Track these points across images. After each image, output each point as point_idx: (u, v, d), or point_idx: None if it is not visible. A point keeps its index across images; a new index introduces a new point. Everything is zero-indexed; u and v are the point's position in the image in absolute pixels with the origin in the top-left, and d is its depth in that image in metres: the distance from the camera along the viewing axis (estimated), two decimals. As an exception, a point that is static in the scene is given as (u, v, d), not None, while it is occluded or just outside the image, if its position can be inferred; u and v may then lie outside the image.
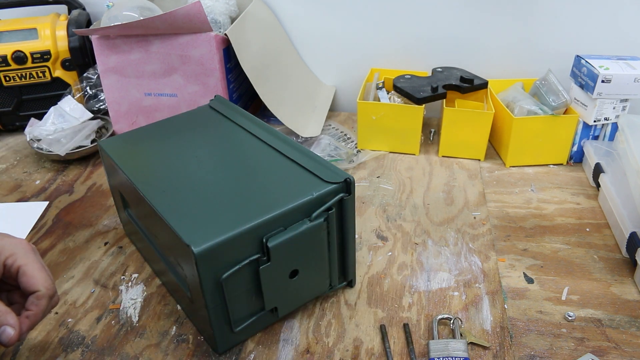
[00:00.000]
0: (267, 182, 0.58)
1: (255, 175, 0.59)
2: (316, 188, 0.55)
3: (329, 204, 0.55)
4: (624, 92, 0.83)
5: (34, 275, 0.52)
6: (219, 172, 0.60)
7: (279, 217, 0.53)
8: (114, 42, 0.91)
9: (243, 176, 0.59)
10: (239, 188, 0.57)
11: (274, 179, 0.58)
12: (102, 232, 0.77)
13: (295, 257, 0.55)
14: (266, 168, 0.60)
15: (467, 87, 0.95)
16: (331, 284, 0.62)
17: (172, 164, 0.63)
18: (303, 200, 0.54)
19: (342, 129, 1.02)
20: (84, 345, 0.59)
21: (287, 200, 0.54)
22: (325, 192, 0.55)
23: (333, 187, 0.56)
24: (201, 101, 0.95)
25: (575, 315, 0.61)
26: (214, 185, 0.58)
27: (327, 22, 1.07)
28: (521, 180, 0.87)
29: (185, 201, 0.56)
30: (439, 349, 0.56)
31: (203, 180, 0.59)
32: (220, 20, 0.97)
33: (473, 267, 0.69)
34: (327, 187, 0.56)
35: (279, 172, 0.59)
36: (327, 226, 0.56)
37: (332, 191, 0.56)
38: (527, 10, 0.98)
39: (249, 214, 0.52)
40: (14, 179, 0.91)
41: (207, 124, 0.71)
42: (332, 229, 0.57)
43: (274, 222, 0.52)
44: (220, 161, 0.62)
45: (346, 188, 0.57)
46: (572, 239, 0.74)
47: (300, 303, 0.61)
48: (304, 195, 0.54)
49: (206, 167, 0.61)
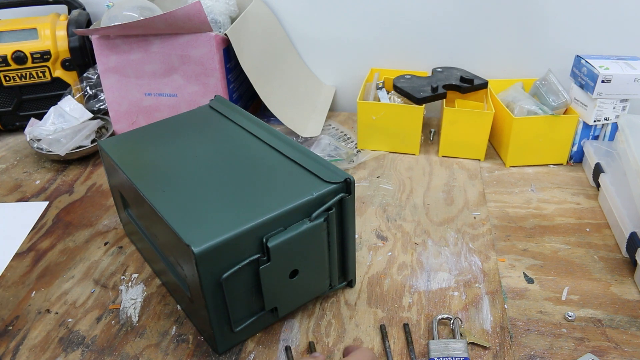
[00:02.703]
0: (267, 182, 0.58)
1: (255, 176, 0.59)
2: (316, 188, 0.55)
3: (329, 204, 0.55)
4: (624, 92, 0.83)
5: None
6: (218, 172, 0.60)
7: (279, 217, 0.53)
8: (114, 42, 0.91)
9: (243, 176, 0.59)
10: (239, 188, 0.57)
11: (274, 179, 0.58)
12: (102, 232, 0.77)
13: (295, 257, 0.55)
14: (266, 168, 0.60)
15: (467, 87, 0.95)
16: (331, 284, 0.62)
17: (172, 163, 0.63)
18: (303, 200, 0.54)
19: (342, 129, 1.02)
20: (84, 345, 0.59)
21: (287, 200, 0.54)
22: (325, 192, 0.55)
23: (333, 187, 0.56)
24: (201, 101, 0.95)
25: (575, 315, 0.61)
26: (213, 185, 0.58)
27: (327, 22, 1.07)
28: (521, 180, 0.87)
29: (185, 201, 0.56)
30: (439, 349, 0.56)
31: (203, 180, 0.59)
32: (220, 20, 0.97)
33: (473, 267, 0.69)
34: (327, 187, 0.56)
35: (279, 172, 0.59)
36: (327, 226, 0.56)
37: (332, 191, 0.56)
38: (527, 10, 0.98)
39: (249, 214, 0.52)
40: (14, 179, 0.91)
41: (207, 124, 0.71)
42: (332, 229, 0.57)
43: (274, 222, 0.52)
44: (220, 161, 0.62)
45: (346, 188, 0.57)
46: (572, 239, 0.74)
47: (300, 303, 0.61)
48: (304, 195, 0.54)
49: (206, 167, 0.61)
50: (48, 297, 0.66)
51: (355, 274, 0.65)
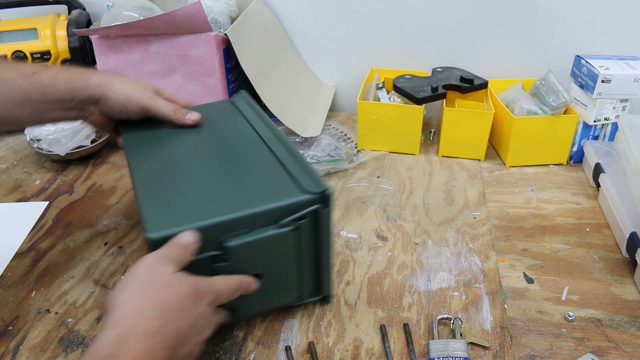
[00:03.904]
0: (245, 183, 0.57)
1: (238, 174, 0.59)
2: (291, 195, 0.53)
3: (300, 214, 0.53)
4: (624, 92, 0.84)
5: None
6: (206, 166, 0.60)
7: (243, 218, 0.51)
8: (114, 42, 0.91)
9: (226, 173, 0.59)
10: (217, 184, 0.57)
11: (254, 181, 0.57)
12: (102, 232, 0.77)
13: (258, 262, 0.54)
14: (252, 168, 0.59)
15: (467, 87, 0.95)
16: (301, 297, 0.61)
17: (169, 151, 0.64)
18: (273, 206, 0.52)
19: (342, 129, 1.02)
20: (84, 345, 0.59)
21: (256, 203, 0.52)
22: (299, 201, 0.53)
23: (309, 197, 0.53)
24: (201, 101, 0.95)
25: (575, 315, 0.61)
26: (196, 177, 0.58)
27: (327, 22, 1.07)
28: (521, 180, 0.87)
29: (165, 188, 0.56)
30: (439, 349, 0.56)
31: (189, 171, 0.59)
32: (220, 20, 0.97)
33: (473, 267, 0.69)
34: (303, 197, 0.53)
35: (264, 174, 0.58)
36: (298, 236, 0.55)
37: (307, 201, 0.53)
38: (527, 10, 0.98)
39: (213, 211, 0.51)
40: (14, 179, 0.91)
41: (220, 118, 0.70)
42: (303, 239, 0.55)
43: (236, 222, 0.51)
44: (213, 155, 0.62)
45: (323, 200, 0.54)
46: (572, 239, 0.74)
47: (264, 309, 0.60)
48: (275, 201, 0.53)
49: (197, 159, 0.62)
50: (48, 297, 0.66)
51: (331, 290, 0.62)
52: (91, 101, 0.65)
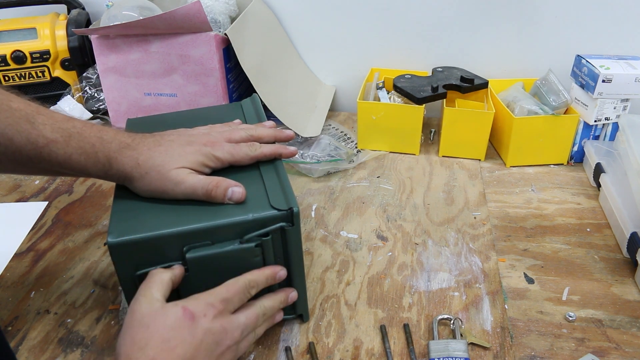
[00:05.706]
0: None
1: None
2: (257, 210, 0.52)
3: (264, 230, 0.52)
4: (625, 91, 0.83)
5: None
6: None
7: (204, 230, 0.51)
8: (114, 42, 0.91)
9: None
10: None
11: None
12: (101, 232, 0.77)
13: (220, 275, 0.52)
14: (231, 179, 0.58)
15: (468, 87, 0.95)
16: None
17: None
18: (235, 220, 0.51)
19: (342, 129, 1.02)
20: (84, 345, 0.59)
21: (218, 216, 0.52)
22: (265, 217, 0.52)
23: (274, 213, 0.52)
24: (201, 101, 0.95)
25: (576, 316, 0.61)
26: None
27: (327, 21, 1.07)
28: (521, 180, 0.87)
29: (138, 196, 0.55)
30: (439, 349, 0.56)
31: None
32: (220, 20, 0.97)
33: (473, 268, 0.69)
34: (268, 213, 0.52)
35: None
36: (263, 252, 0.53)
37: (273, 217, 0.52)
38: (527, 10, 0.98)
39: (174, 221, 0.51)
40: (13, 179, 0.91)
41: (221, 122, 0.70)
42: (268, 256, 0.54)
43: (197, 234, 0.51)
44: None
45: (289, 218, 0.52)
46: (573, 239, 0.74)
47: None
48: (238, 215, 0.52)
49: None
50: (47, 297, 0.66)
51: (307, 308, 0.61)
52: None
